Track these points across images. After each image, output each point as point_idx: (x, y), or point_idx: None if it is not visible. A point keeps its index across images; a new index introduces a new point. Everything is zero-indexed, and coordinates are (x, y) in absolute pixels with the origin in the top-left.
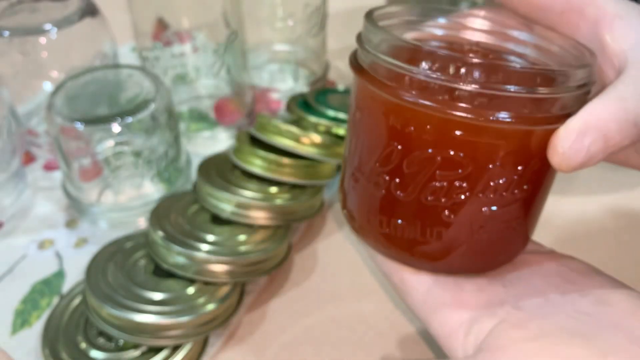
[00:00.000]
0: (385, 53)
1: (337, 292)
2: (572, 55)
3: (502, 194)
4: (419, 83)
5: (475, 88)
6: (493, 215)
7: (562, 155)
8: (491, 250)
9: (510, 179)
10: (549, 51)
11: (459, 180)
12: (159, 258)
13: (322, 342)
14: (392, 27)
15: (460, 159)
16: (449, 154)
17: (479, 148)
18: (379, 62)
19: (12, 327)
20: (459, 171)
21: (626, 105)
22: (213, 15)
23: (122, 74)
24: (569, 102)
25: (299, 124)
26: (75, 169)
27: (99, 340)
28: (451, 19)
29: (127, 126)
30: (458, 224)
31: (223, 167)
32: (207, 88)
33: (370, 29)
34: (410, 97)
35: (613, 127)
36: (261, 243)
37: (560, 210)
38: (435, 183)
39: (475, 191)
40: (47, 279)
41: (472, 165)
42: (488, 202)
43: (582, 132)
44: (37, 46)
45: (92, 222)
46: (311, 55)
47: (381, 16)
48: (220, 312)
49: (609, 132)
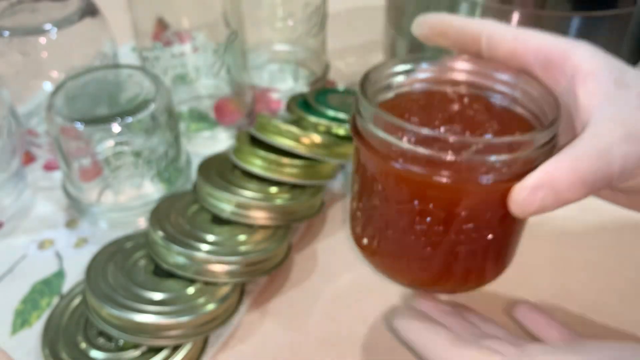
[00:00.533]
0: (377, 126)
1: (337, 292)
2: (547, 103)
3: (472, 235)
4: (403, 154)
5: (449, 159)
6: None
7: (518, 205)
8: (465, 277)
9: (481, 224)
10: (529, 94)
11: (437, 225)
12: (159, 258)
13: (323, 342)
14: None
15: (437, 210)
16: (429, 206)
17: (453, 202)
18: (371, 133)
19: (12, 327)
20: (437, 218)
21: (577, 166)
22: (213, 15)
23: (122, 74)
24: (533, 160)
25: (299, 124)
26: (75, 169)
27: (99, 340)
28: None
29: (127, 126)
30: (436, 258)
31: (223, 167)
32: (207, 88)
33: (363, 103)
34: (397, 164)
35: (563, 185)
36: (261, 243)
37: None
38: (417, 226)
39: (449, 233)
40: (47, 279)
41: (446, 214)
42: (462, 242)
43: (536, 188)
44: (37, 46)
45: (92, 222)
46: (311, 55)
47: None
48: (220, 312)
49: (559, 189)
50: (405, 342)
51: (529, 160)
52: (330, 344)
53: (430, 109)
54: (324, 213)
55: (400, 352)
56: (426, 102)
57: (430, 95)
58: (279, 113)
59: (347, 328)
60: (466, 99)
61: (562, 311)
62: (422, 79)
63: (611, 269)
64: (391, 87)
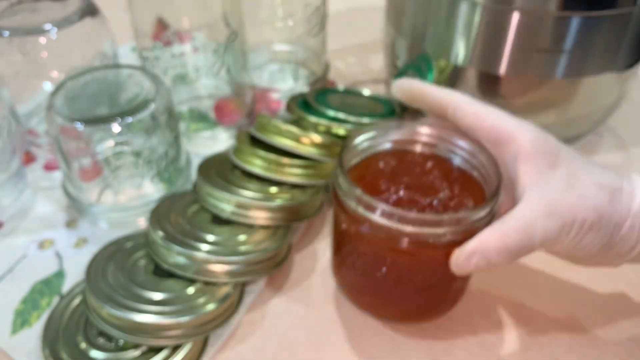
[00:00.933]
0: (352, 198)
1: (337, 292)
2: (494, 174)
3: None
4: (372, 224)
5: (409, 230)
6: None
7: (457, 267)
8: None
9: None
10: (482, 163)
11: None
12: (159, 258)
13: (322, 342)
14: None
15: (401, 263)
16: (394, 260)
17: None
18: (349, 204)
19: (12, 327)
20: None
21: (504, 238)
22: (213, 15)
23: (122, 74)
24: (474, 230)
25: (299, 124)
26: (75, 169)
27: (99, 340)
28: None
29: (127, 126)
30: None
31: (223, 167)
32: (207, 88)
33: (340, 177)
34: (368, 230)
35: (493, 254)
36: (261, 243)
37: None
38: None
39: (411, 280)
40: (47, 279)
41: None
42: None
43: (471, 255)
44: (37, 46)
45: (92, 222)
46: (311, 55)
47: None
48: (220, 312)
49: (490, 256)
50: None
51: (471, 230)
52: (330, 343)
53: (395, 173)
54: (324, 213)
55: (400, 352)
56: (392, 166)
57: (396, 157)
58: (279, 113)
59: (347, 328)
60: (428, 163)
61: None
62: (390, 141)
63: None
64: (363, 150)
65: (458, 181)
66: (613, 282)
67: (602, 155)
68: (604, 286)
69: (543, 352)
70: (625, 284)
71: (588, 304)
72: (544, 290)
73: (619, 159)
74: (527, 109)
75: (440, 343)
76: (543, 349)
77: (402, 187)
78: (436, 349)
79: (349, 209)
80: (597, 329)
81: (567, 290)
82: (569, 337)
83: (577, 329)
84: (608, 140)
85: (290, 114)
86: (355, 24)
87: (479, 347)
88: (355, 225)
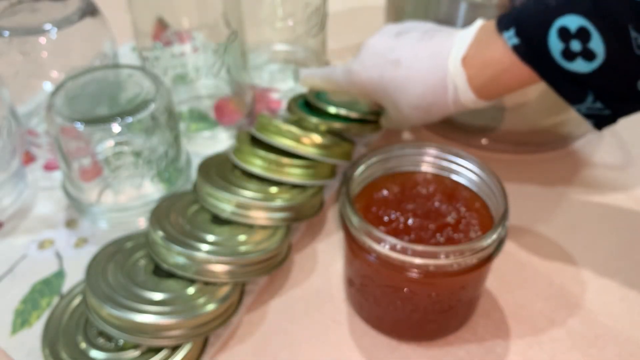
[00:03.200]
0: (361, 233)
1: (336, 292)
2: (499, 195)
3: (439, 309)
4: (379, 255)
5: (416, 263)
6: (434, 317)
7: (302, 82)
8: (434, 332)
9: (442, 299)
10: (479, 176)
11: (406, 301)
12: (159, 258)
13: (322, 342)
14: (364, 171)
15: (409, 292)
16: (402, 290)
17: (424, 287)
18: (359, 237)
19: (12, 327)
20: (406, 297)
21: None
22: (213, 15)
23: (122, 74)
24: (486, 254)
25: (299, 124)
26: (75, 169)
27: (99, 340)
28: (414, 151)
29: (127, 126)
30: (413, 321)
31: (223, 167)
32: (207, 88)
33: (349, 210)
34: (375, 260)
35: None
36: (261, 243)
37: (561, 210)
38: (398, 302)
39: (420, 307)
40: (47, 279)
41: (412, 295)
42: (430, 313)
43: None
44: (37, 46)
45: (92, 222)
46: (311, 55)
47: (354, 172)
48: (220, 312)
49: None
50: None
51: (481, 256)
52: (330, 344)
53: (400, 200)
54: (324, 213)
55: (400, 352)
56: (396, 193)
57: (400, 181)
58: (280, 113)
59: (347, 328)
60: (431, 186)
61: None
62: (392, 165)
63: (611, 269)
64: (367, 177)
65: (462, 201)
66: (613, 281)
67: (602, 155)
68: (604, 286)
69: (543, 352)
70: (625, 283)
71: (588, 304)
72: (543, 290)
73: (619, 159)
74: (527, 109)
75: (440, 342)
76: (543, 348)
77: (410, 215)
78: (436, 349)
79: (358, 240)
80: (597, 329)
81: (568, 290)
82: (569, 337)
83: (577, 329)
84: (608, 140)
85: (290, 114)
86: (355, 24)
87: (479, 347)
88: (365, 255)
